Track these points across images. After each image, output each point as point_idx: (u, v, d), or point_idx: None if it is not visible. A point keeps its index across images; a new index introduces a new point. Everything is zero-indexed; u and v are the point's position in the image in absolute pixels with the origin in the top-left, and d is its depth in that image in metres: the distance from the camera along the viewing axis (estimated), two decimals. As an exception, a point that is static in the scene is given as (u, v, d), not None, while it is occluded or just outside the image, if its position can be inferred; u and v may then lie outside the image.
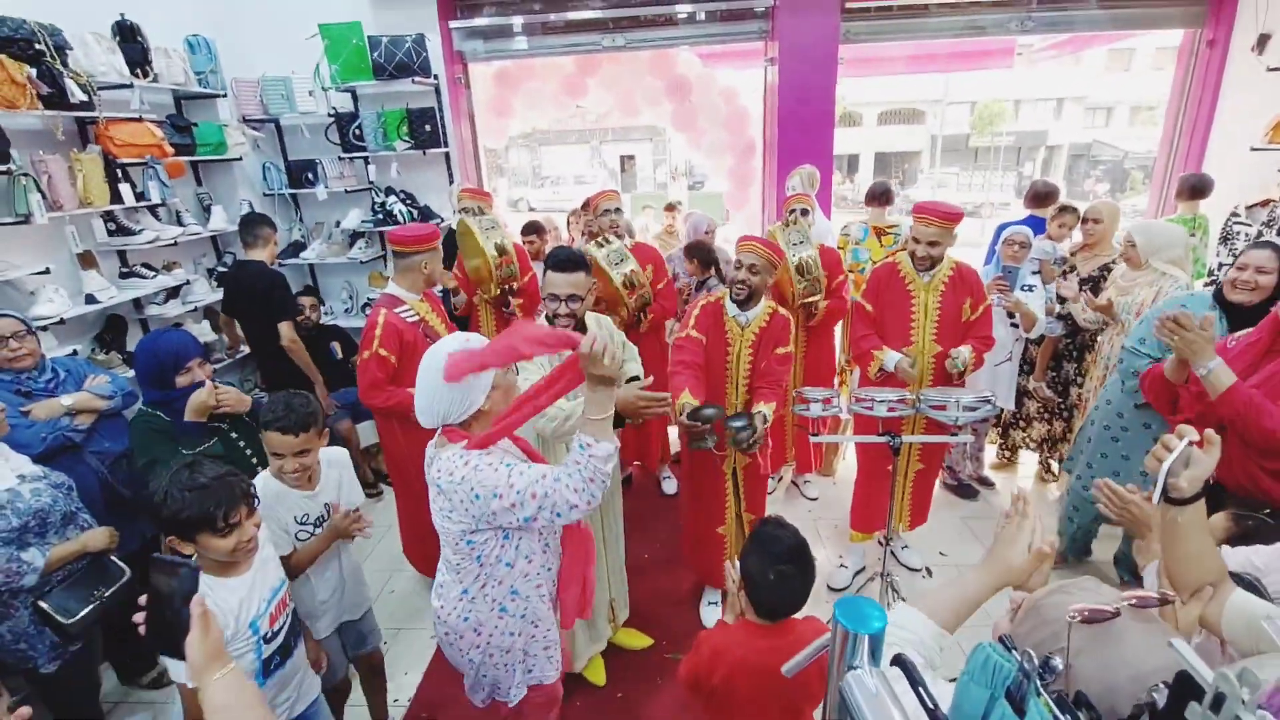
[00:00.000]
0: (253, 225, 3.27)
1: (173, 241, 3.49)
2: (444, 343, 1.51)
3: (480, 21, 4.32)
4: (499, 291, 3.31)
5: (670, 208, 5.18)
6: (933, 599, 1.04)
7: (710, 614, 2.90)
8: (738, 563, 1.58)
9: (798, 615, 1.54)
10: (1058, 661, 0.55)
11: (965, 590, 1.05)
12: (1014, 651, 0.57)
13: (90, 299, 3.07)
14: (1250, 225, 3.43)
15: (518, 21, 4.30)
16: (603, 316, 2.42)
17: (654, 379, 2.08)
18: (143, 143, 3.28)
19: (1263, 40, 3.87)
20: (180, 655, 1.01)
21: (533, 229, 4.10)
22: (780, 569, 1.45)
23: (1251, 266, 2.08)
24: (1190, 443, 1.12)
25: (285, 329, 3.19)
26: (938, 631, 0.98)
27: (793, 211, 3.29)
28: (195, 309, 3.70)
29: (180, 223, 3.64)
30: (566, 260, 2.03)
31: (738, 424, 2.20)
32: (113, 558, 1.92)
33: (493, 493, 1.40)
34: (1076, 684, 0.80)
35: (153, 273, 3.46)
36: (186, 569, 1.07)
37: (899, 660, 0.57)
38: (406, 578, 3.17)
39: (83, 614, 1.79)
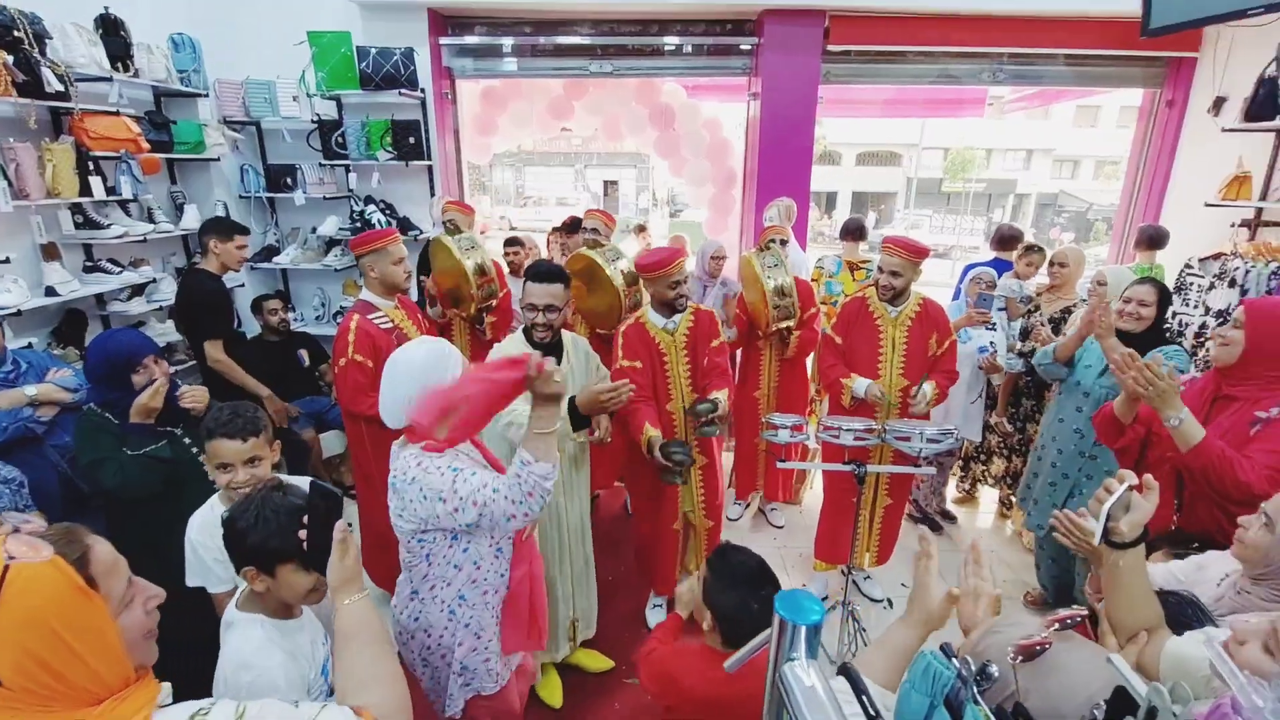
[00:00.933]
0: (200, 233, 3.17)
1: (142, 238, 3.42)
2: (412, 345, 1.54)
3: (470, 40, 4.37)
4: (476, 311, 3.30)
5: (641, 229, 5.25)
6: (865, 663, 1.03)
7: (654, 616, 2.90)
8: (693, 583, 1.59)
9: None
10: (994, 669, 0.56)
11: (894, 644, 1.05)
12: (953, 659, 0.58)
13: (50, 291, 2.98)
14: (1203, 276, 3.58)
15: (507, 42, 4.36)
16: (579, 338, 2.43)
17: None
18: (118, 137, 3.23)
19: (1218, 102, 4.09)
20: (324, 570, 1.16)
21: (515, 242, 4.14)
22: (743, 591, 1.44)
23: (1135, 300, 2.39)
24: (1130, 487, 1.16)
25: (209, 349, 3.03)
26: (880, 692, 0.98)
27: (771, 241, 3.36)
28: (160, 308, 3.62)
29: (151, 220, 3.57)
30: (546, 272, 2.10)
31: (703, 405, 2.40)
32: None
33: (438, 495, 1.44)
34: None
35: (118, 269, 3.38)
36: (337, 495, 1.22)
37: (844, 669, 0.58)
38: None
39: None
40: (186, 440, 2.10)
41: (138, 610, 0.93)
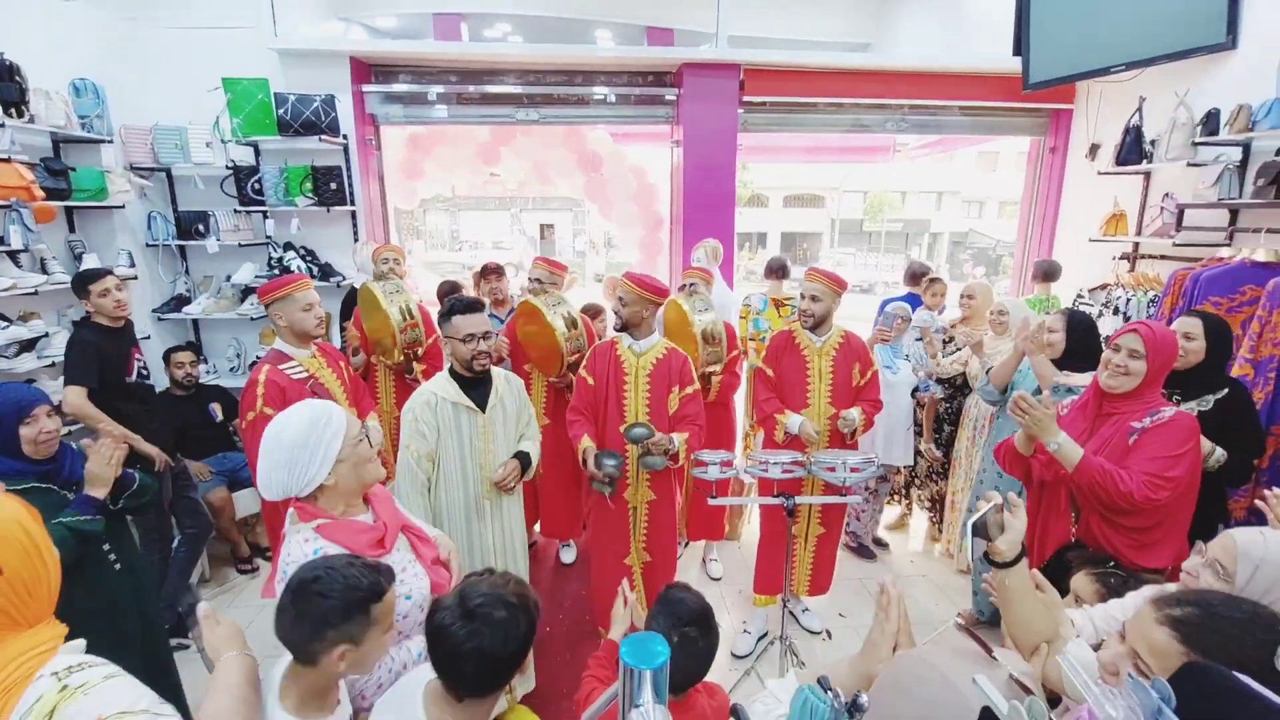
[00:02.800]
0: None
1: (33, 290, 3.19)
2: (287, 413, 1.44)
3: (396, 87, 4.37)
4: (403, 357, 3.22)
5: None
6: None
7: None
8: (634, 606, 1.57)
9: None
10: (864, 699, 0.57)
11: (839, 680, 1.05)
12: (828, 693, 0.59)
13: (-79, 350, 2.73)
14: (1092, 306, 3.88)
15: (434, 90, 4.38)
16: (512, 375, 2.41)
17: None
18: (9, 184, 3.03)
19: (1094, 149, 4.52)
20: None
21: (493, 270, 3.90)
22: (684, 631, 1.42)
23: (1046, 327, 2.60)
24: (996, 507, 1.23)
25: (67, 394, 2.77)
26: None
27: (692, 283, 3.44)
28: (53, 364, 3.35)
29: (45, 270, 3.35)
30: (472, 302, 2.19)
31: (636, 431, 2.46)
32: None
33: None
34: None
35: (4, 323, 3.13)
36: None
37: (734, 710, 0.58)
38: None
39: None
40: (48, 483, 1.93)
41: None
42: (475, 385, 2.23)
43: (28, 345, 3.27)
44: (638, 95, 4.58)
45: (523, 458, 2.33)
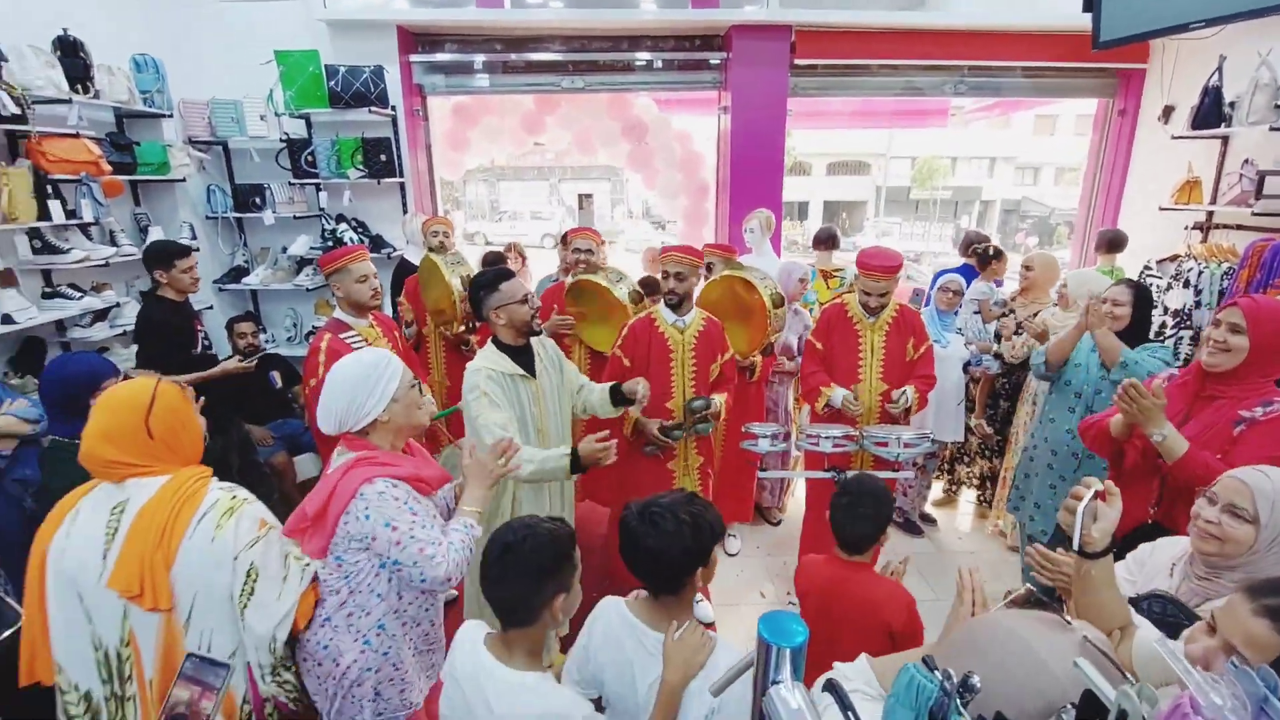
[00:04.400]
0: (145, 264, 3.00)
1: (104, 262, 3.33)
2: (352, 356, 1.59)
3: (441, 57, 4.37)
4: (463, 328, 3.28)
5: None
6: (881, 666, 1.04)
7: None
8: None
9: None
10: (976, 680, 0.56)
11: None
12: (935, 672, 0.59)
13: (7, 319, 2.89)
14: (1160, 278, 3.70)
15: (478, 59, 4.37)
16: (548, 340, 2.43)
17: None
18: (78, 159, 3.16)
19: (1167, 111, 4.25)
20: None
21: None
22: (851, 499, 1.79)
23: (1110, 300, 2.45)
24: (1096, 494, 1.18)
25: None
26: (866, 707, 0.98)
27: (711, 262, 3.43)
28: (124, 333, 3.52)
29: (114, 243, 3.49)
30: (507, 271, 2.24)
31: (697, 402, 2.56)
32: (7, 598, 1.77)
33: (386, 521, 1.44)
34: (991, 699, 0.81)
35: (79, 294, 3.28)
36: None
37: (830, 685, 0.58)
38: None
39: None
40: None
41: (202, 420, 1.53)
42: (521, 354, 2.26)
43: (100, 315, 3.43)
44: (684, 60, 4.48)
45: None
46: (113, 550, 1.32)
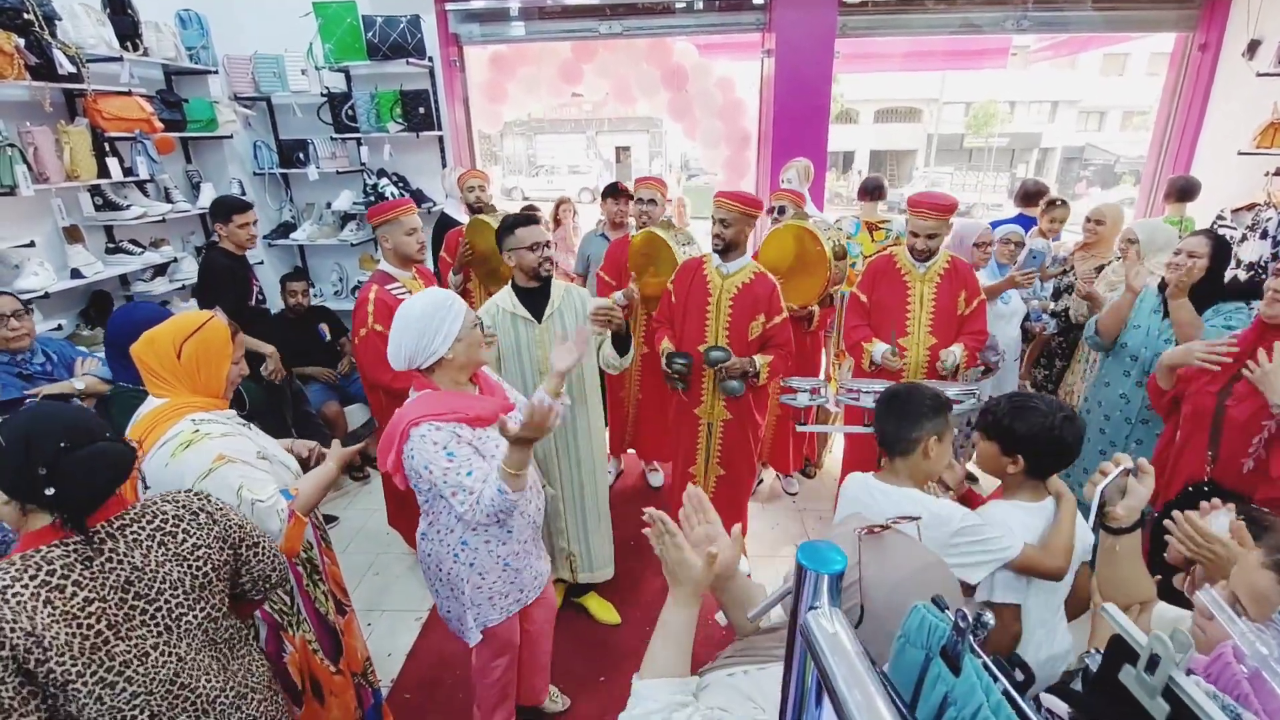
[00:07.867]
0: (209, 218, 3.14)
1: (160, 218, 3.45)
2: (416, 296, 1.67)
3: (476, 4, 4.28)
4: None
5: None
6: (654, 664, 0.95)
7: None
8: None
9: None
10: (989, 617, 0.57)
11: (673, 632, 0.97)
12: (946, 610, 0.59)
13: (76, 273, 3.03)
14: (1235, 229, 3.47)
15: (514, 5, 4.27)
16: (572, 286, 2.43)
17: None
18: (132, 117, 3.24)
19: (1253, 45, 3.91)
20: None
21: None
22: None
23: (1185, 251, 2.31)
24: (1126, 471, 1.15)
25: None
26: (680, 683, 0.93)
27: (779, 207, 3.30)
28: (183, 286, 3.67)
29: (169, 199, 3.60)
30: (525, 217, 2.27)
31: (714, 354, 2.51)
32: None
33: (425, 464, 1.58)
34: (867, 587, 0.90)
35: (140, 249, 3.42)
36: None
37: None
38: (391, 559, 3.18)
39: None
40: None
41: (237, 366, 1.64)
42: (533, 297, 2.29)
43: (160, 270, 3.58)
44: (725, 0, 4.30)
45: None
46: None
